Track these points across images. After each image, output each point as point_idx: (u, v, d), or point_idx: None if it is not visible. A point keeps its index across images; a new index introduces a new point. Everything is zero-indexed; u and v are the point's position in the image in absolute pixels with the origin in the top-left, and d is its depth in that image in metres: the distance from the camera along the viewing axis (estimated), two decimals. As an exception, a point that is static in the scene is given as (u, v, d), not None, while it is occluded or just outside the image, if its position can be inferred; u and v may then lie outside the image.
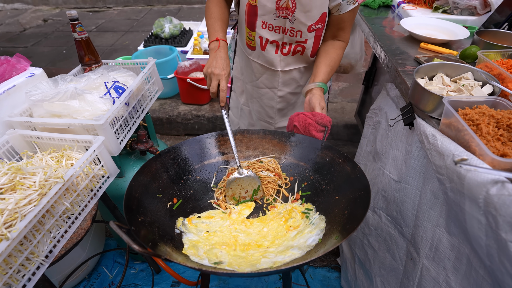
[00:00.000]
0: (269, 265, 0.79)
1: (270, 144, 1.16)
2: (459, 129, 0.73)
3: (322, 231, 0.89)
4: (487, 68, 0.94)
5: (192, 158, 1.12)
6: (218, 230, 0.95)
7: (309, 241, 0.87)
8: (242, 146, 1.17)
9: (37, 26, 5.44)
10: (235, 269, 0.78)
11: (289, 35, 1.21)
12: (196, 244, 0.88)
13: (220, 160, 1.16)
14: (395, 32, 1.48)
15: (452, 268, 0.84)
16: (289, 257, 0.81)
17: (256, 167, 1.13)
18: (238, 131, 1.17)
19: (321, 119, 1.06)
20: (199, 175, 1.11)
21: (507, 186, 0.53)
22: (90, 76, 1.27)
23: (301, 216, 0.97)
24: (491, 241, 0.55)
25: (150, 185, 0.98)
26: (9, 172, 0.84)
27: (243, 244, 0.89)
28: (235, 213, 1.02)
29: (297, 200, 1.04)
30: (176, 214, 0.98)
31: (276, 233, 0.93)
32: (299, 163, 1.11)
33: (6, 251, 0.73)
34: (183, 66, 2.73)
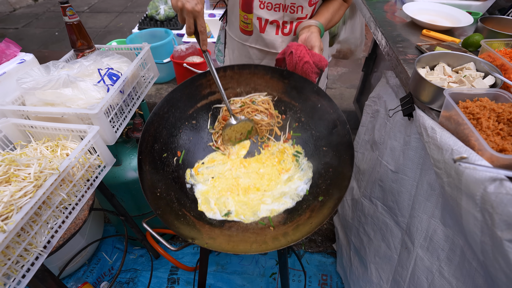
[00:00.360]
0: (267, 213, 0.98)
1: (262, 80, 1.12)
2: (459, 123, 0.72)
3: (309, 181, 1.03)
4: (490, 58, 0.92)
5: (184, 104, 1.10)
6: (221, 175, 1.07)
7: (299, 190, 1.03)
8: (233, 83, 1.13)
9: (28, 6, 5.25)
10: (241, 219, 0.97)
11: (289, 12, 1.15)
12: (206, 195, 1.03)
13: (212, 100, 1.14)
14: (396, 18, 1.44)
15: (446, 258, 0.85)
16: (283, 205, 0.99)
17: (249, 110, 1.12)
18: (228, 67, 1.10)
19: (319, 61, 1.01)
20: (195, 120, 1.13)
21: (505, 184, 0.53)
22: (83, 62, 1.23)
23: (292, 159, 1.09)
24: (486, 237, 0.55)
25: (154, 149, 1.00)
26: (3, 164, 0.83)
27: (244, 188, 1.04)
28: (233, 154, 1.12)
29: (288, 140, 1.12)
30: (183, 167, 1.07)
31: (271, 175, 1.07)
32: (291, 102, 1.12)
33: (3, 243, 0.73)
34: (179, 50, 2.66)
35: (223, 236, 0.91)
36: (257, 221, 0.97)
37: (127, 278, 1.74)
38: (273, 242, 0.86)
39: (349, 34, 2.09)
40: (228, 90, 1.14)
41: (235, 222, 0.97)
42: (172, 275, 1.75)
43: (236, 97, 1.15)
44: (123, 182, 1.43)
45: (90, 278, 1.73)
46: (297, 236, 0.84)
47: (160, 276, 1.74)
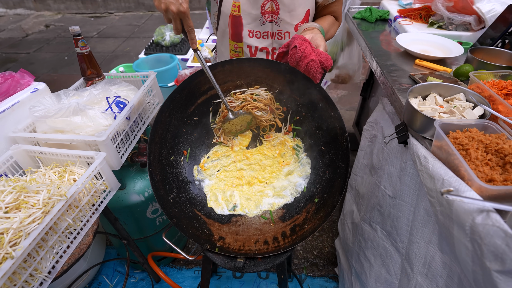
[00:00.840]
0: (268, 207, 1.06)
1: (262, 72, 1.12)
2: (449, 153, 0.75)
3: (307, 177, 1.10)
4: (478, 89, 0.97)
5: (184, 104, 1.13)
6: (226, 168, 1.14)
7: (297, 185, 1.10)
8: (233, 76, 1.13)
9: (39, 31, 5.49)
10: (246, 212, 1.05)
11: (277, 39, 1.21)
12: (214, 190, 1.10)
13: (212, 94, 1.16)
14: (391, 47, 1.51)
15: (444, 286, 0.86)
16: (283, 199, 1.06)
17: (249, 107, 1.13)
18: (226, 61, 1.09)
19: (325, 60, 0.98)
20: (197, 116, 1.16)
21: (492, 216, 0.55)
22: (92, 91, 1.30)
23: (292, 152, 1.14)
24: (477, 267, 0.57)
25: (161, 156, 1.06)
26: (14, 191, 0.86)
27: (248, 180, 1.11)
28: (236, 146, 1.18)
29: (288, 133, 1.15)
30: (190, 165, 1.13)
31: (272, 167, 1.13)
32: (293, 96, 1.13)
33: (10, 269, 0.76)
34: (183, 74, 2.76)
35: (231, 234, 1.00)
36: (260, 215, 1.06)
37: (127, 302, 1.72)
38: (273, 243, 0.98)
39: (347, 60, 2.18)
40: (227, 83, 1.14)
41: (240, 216, 1.06)
42: (172, 299, 1.73)
43: (236, 89, 1.14)
44: (126, 206, 1.46)
45: (90, 302, 1.71)
46: (293, 239, 0.95)
47: (161, 301, 1.73)
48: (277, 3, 1.12)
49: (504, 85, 0.98)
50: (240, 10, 1.14)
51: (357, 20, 1.84)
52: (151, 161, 1.01)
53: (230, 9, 1.16)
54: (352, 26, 1.85)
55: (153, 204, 1.55)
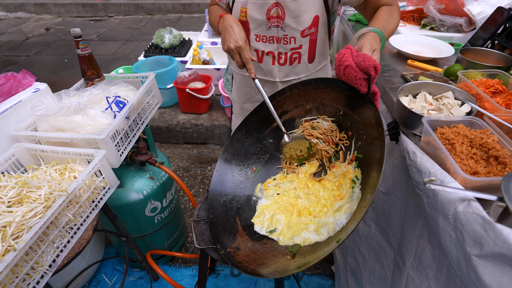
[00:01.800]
0: (300, 241, 0.96)
1: (325, 93, 1.09)
2: (436, 148, 0.78)
3: (351, 215, 0.91)
4: (466, 87, 1.00)
5: (260, 125, 1.18)
6: (286, 192, 1.12)
7: (338, 223, 0.94)
8: (302, 100, 1.15)
9: (40, 34, 5.53)
10: (279, 240, 1.00)
11: (283, 43, 1.23)
12: (264, 209, 1.09)
13: (286, 118, 1.18)
14: (386, 48, 1.55)
15: (434, 277, 0.88)
16: (318, 237, 0.96)
17: (305, 133, 1.13)
18: (293, 85, 1.13)
19: (363, 61, 0.82)
20: (272, 139, 1.20)
21: (472, 204, 0.58)
22: (93, 91, 1.33)
23: (350, 184, 1.01)
24: (460, 254, 0.60)
25: (231, 164, 1.13)
26: (16, 186, 0.89)
27: (299, 210, 1.06)
28: (301, 173, 1.15)
29: (352, 162, 1.02)
30: (255, 181, 1.15)
31: (327, 200, 1.06)
32: (354, 116, 1.02)
33: (13, 261, 0.78)
34: (182, 76, 2.79)
35: (249, 250, 0.97)
36: (289, 245, 0.96)
37: (126, 300, 1.74)
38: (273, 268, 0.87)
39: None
40: (298, 108, 1.16)
41: (272, 240, 1.00)
42: (171, 297, 1.75)
43: (306, 113, 1.16)
44: (125, 204, 1.49)
45: (89, 300, 1.73)
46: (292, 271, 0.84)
47: (159, 299, 1.75)
48: (283, 8, 1.14)
49: (491, 83, 1.01)
50: (247, 15, 1.18)
51: (352, 22, 1.88)
52: (221, 164, 1.12)
53: (238, 14, 1.20)
54: (347, 28, 1.89)
55: (152, 202, 1.57)
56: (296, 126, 1.19)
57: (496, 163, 0.72)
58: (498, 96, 0.98)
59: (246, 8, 1.17)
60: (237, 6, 1.19)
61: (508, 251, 0.49)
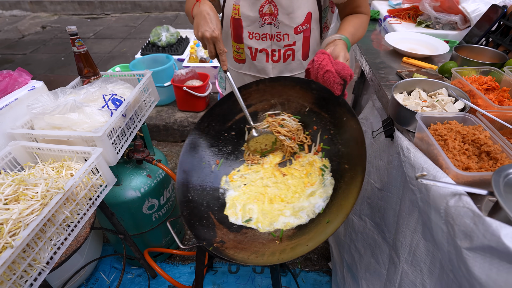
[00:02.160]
0: (281, 226, 1.00)
1: (293, 91, 1.15)
2: (429, 144, 0.79)
3: (328, 199, 1.01)
4: (460, 84, 1.01)
5: (223, 117, 1.19)
6: (253, 183, 1.14)
7: (316, 206, 1.02)
8: (267, 95, 1.19)
9: (36, 33, 5.50)
10: (258, 227, 1.01)
11: (276, 40, 1.22)
12: (235, 200, 1.10)
13: (250, 111, 1.20)
14: (382, 46, 1.55)
15: (428, 271, 0.90)
16: (298, 220, 1.00)
17: (273, 129, 1.17)
18: (260, 81, 1.16)
19: (342, 69, 0.95)
20: (234, 131, 1.21)
21: (463, 198, 0.59)
22: (89, 89, 1.33)
23: (318, 172, 1.10)
24: (451, 247, 0.61)
25: (194, 158, 1.12)
26: (13, 183, 0.89)
27: (270, 198, 1.09)
28: (267, 163, 1.19)
29: (318, 153, 1.13)
30: (220, 174, 1.15)
31: (297, 187, 1.10)
32: (321, 113, 1.12)
33: (10, 258, 0.79)
34: (179, 74, 2.79)
35: (234, 241, 0.97)
36: (271, 231, 1.01)
37: (124, 298, 1.75)
38: (268, 257, 0.89)
39: (339, 59, 2.22)
40: (263, 102, 1.20)
41: (251, 229, 1.02)
42: (169, 294, 1.76)
43: (271, 108, 1.20)
44: (123, 201, 1.49)
45: (87, 298, 1.74)
46: (290, 255, 0.86)
47: (157, 296, 1.75)
48: (276, 5, 1.14)
49: (485, 80, 1.02)
50: (240, 12, 1.17)
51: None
52: (183, 159, 1.09)
53: (231, 11, 1.19)
54: (344, 26, 1.90)
55: (149, 200, 1.58)
56: (259, 119, 1.22)
57: (488, 158, 0.73)
58: (491, 93, 1.00)
59: (239, 5, 1.17)
60: (229, 3, 1.19)
61: (497, 244, 0.50)
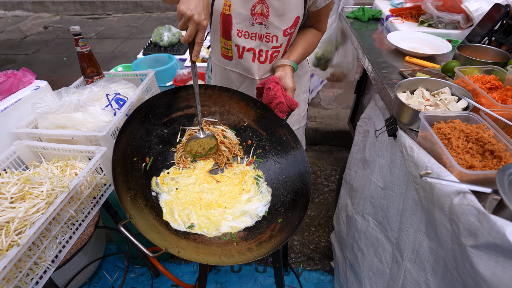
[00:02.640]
0: (228, 229, 1.01)
1: (237, 105, 1.22)
2: (433, 142, 0.79)
3: (268, 204, 1.09)
4: (463, 83, 1.02)
5: (161, 112, 1.15)
6: (185, 187, 1.12)
7: (258, 211, 1.07)
8: (211, 101, 1.22)
9: (38, 33, 5.52)
10: (204, 232, 1.00)
11: (265, 41, 1.22)
12: (170, 205, 1.06)
13: (188, 113, 1.20)
14: (384, 45, 1.55)
15: (431, 270, 0.90)
16: (243, 223, 1.04)
17: (218, 139, 1.20)
18: (210, 86, 1.19)
19: (291, 104, 1.13)
20: (167, 129, 1.18)
21: (468, 196, 0.59)
22: (93, 88, 1.33)
23: (252, 181, 1.16)
24: (456, 245, 0.61)
25: (126, 152, 1.04)
26: (19, 182, 0.90)
27: (207, 203, 1.09)
28: (198, 169, 1.18)
29: (250, 164, 1.20)
30: (150, 174, 1.11)
31: (232, 193, 1.13)
32: (259, 131, 1.22)
33: (16, 256, 0.79)
34: (181, 74, 2.80)
35: (191, 247, 0.93)
36: (220, 235, 1.00)
37: (127, 297, 1.76)
38: (240, 256, 0.90)
39: (341, 58, 2.22)
40: (203, 107, 1.21)
41: (198, 235, 0.99)
42: (171, 293, 1.77)
43: (210, 115, 1.23)
44: (126, 201, 1.49)
45: (90, 297, 1.75)
46: (262, 251, 0.89)
47: (160, 295, 1.76)
48: (268, 6, 1.14)
49: (488, 79, 1.02)
50: (231, 9, 1.16)
51: (350, 20, 1.89)
52: (116, 150, 0.97)
53: (221, 7, 1.18)
54: (346, 26, 1.90)
55: (152, 199, 1.58)
56: (195, 124, 1.23)
57: (492, 157, 0.73)
58: (495, 91, 1.00)
59: (230, 2, 1.15)
60: None
61: (501, 241, 0.50)
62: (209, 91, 1.20)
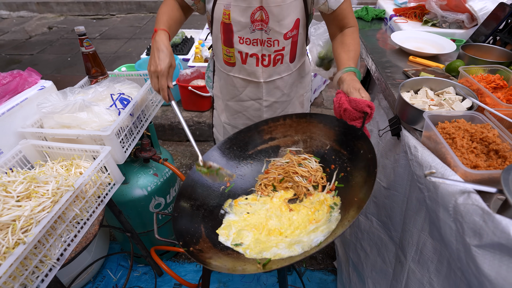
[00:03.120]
0: (271, 256, 0.89)
1: (317, 128, 1.16)
2: (437, 142, 0.79)
3: (329, 234, 0.91)
4: (467, 83, 1.01)
5: (245, 144, 1.20)
6: (256, 212, 1.08)
7: (314, 241, 0.91)
8: (292, 131, 1.21)
9: (42, 33, 5.56)
10: (246, 253, 0.92)
11: (266, 46, 1.22)
12: (231, 224, 1.03)
13: (272, 145, 1.22)
14: (388, 45, 1.55)
15: (435, 270, 0.90)
16: (291, 252, 0.89)
17: (290, 169, 1.13)
18: (288, 116, 1.20)
19: (356, 105, 0.95)
20: (252, 161, 1.21)
21: (472, 196, 0.59)
22: (97, 88, 1.35)
23: (327, 210, 1.01)
24: (460, 245, 0.61)
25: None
26: (25, 181, 0.91)
27: (269, 229, 1.01)
28: (276, 198, 1.12)
29: (331, 192, 1.06)
30: (226, 196, 1.13)
31: (300, 223, 1.02)
32: (341, 151, 1.10)
33: (22, 254, 0.80)
34: (184, 74, 2.81)
35: (213, 254, 0.91)
36: (257, 259, 0.91)
37: (130, 295, 1.77)
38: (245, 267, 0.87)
39: (345, 58, 2.21)
40: (287, 137, 1.21)
41: (237, 253, 0.94)
42: (175, 292, 1.78)
43: (293, 144, 1.21)
44: (130, 200, 1.51)
45: (94, 295, 1.76)
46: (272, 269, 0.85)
47: (163, 294, 1.77)
48: (267, 12, 1.14)
49: (492, 79, 1.02)
50: (231, 18, 1.17)
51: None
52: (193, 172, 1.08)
53: (221, 16, 1.19)
54: (349, 25, 1.90)
55: (156, 198, 1.59)
56: (280, 154, 1.22)
57: (497, 156, 0.73)
58: (499, 91, 0.99)
59: (229, 10, 1.15)
60: (219, 7, 1.17)
61: (506, 241, 0.50)
62: (288, 120, 1.20)
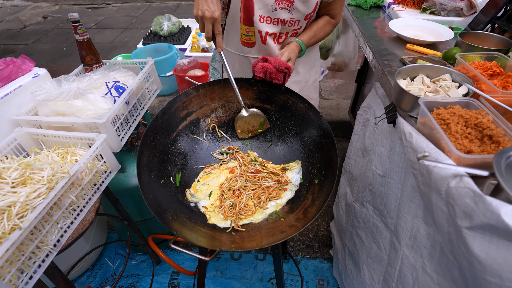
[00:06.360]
0: (273, 208, 1.05)
1: (232, 91, 1.17)
2: (432, 128, 0.79)
3: (300, 170, 1.13)
4: (464, 70, 1.01)
5: (167, 129, 1.15)
6: (218, 188, 1.14)
7: (293, 180, 1.11)
8: (207, 100, 1.22)
9: (37, 23, 5.47)
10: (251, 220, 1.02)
11: (287, 26, 1.25)
12: (211, 209, 1.08)
13: (191, 119, 1.21)
14: (386, 33, 1.53)
15: (428, 255, 0.91)
16: (285, 197, 1.08)
17: (260, 176, 1.16)
18: (200, 86, 1.19)
19: (278, 65, 1.12)
20: (180, 142, 1.19)
21: (464, 179, 0.60)
22: (92, 76, 1.33)
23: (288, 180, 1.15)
24: (451, 228, 0.62)
25: (151, 178, 1.04)
26: (20, 167, 0.91)
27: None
28: (226, 169, 1.19)
29: (284, 170, 1.19)
30: (183, 188, 1.12)
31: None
32: (264, 106, 1.23)
33: (19, 239, 0.81)
34: (181, 64, 2.78)
35: (244, 237, 0.96)
36: (267, 217, 1.04)
37: (129, 283, 1.79)
38: (290, 229, 0.94)
39: (342, 48, 2.20)
40: (203, 108, 1.22)
41: (247, 224, 1.02)
42: (172, 280, 1.80)
43: (212, 113, 1.24)
44: (127, 188, 1.51)
45: (93, 283, 1.78)
46: (309, 217, 0.93)
47: (161, 281, 1.79)
48: None
49: (489, 66, 1.01)
50: None
51: (351, 7, 1.86)
52: (142, 180, 0.97)
53: None
54: (347, 13, 1.87)
55: (153, 187, 1.59)
56: (201, 126, 1.24)
57: (490, 142, 0.73)
58: (496, 78, 0.99)
59: None
60: None
61: (496, 222, 0.51)
62: (201, 91, 1.20)
